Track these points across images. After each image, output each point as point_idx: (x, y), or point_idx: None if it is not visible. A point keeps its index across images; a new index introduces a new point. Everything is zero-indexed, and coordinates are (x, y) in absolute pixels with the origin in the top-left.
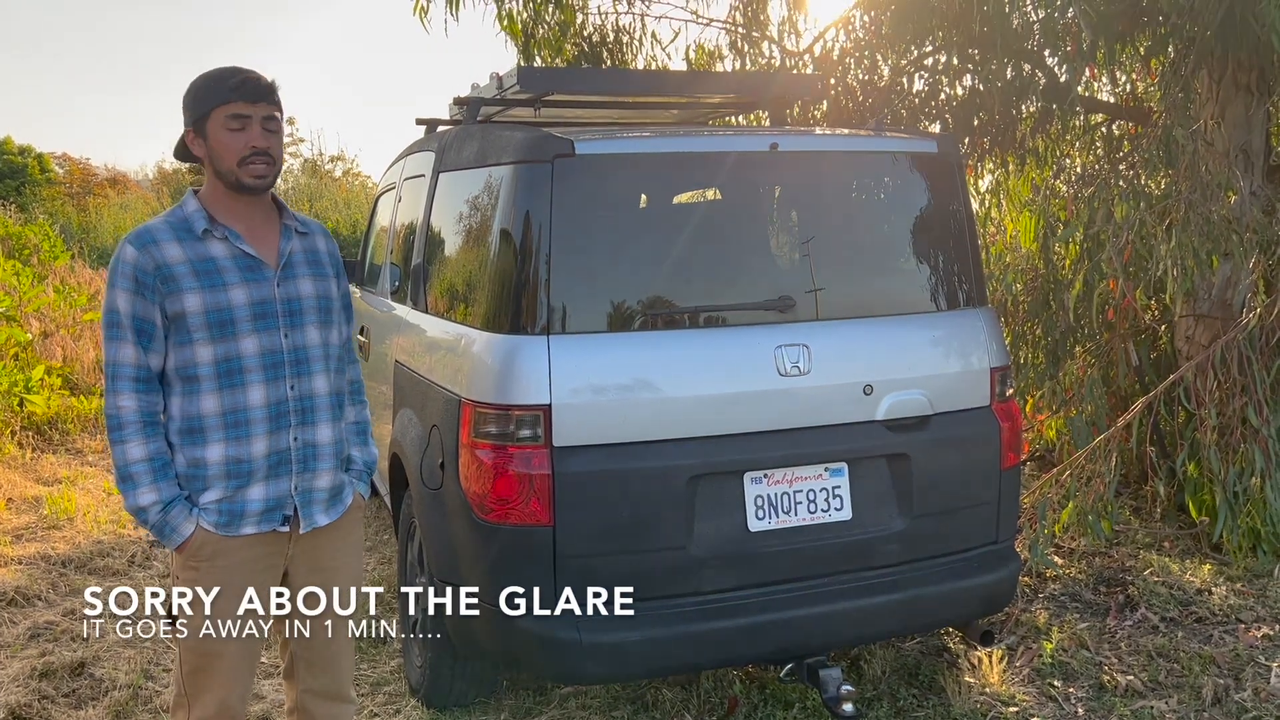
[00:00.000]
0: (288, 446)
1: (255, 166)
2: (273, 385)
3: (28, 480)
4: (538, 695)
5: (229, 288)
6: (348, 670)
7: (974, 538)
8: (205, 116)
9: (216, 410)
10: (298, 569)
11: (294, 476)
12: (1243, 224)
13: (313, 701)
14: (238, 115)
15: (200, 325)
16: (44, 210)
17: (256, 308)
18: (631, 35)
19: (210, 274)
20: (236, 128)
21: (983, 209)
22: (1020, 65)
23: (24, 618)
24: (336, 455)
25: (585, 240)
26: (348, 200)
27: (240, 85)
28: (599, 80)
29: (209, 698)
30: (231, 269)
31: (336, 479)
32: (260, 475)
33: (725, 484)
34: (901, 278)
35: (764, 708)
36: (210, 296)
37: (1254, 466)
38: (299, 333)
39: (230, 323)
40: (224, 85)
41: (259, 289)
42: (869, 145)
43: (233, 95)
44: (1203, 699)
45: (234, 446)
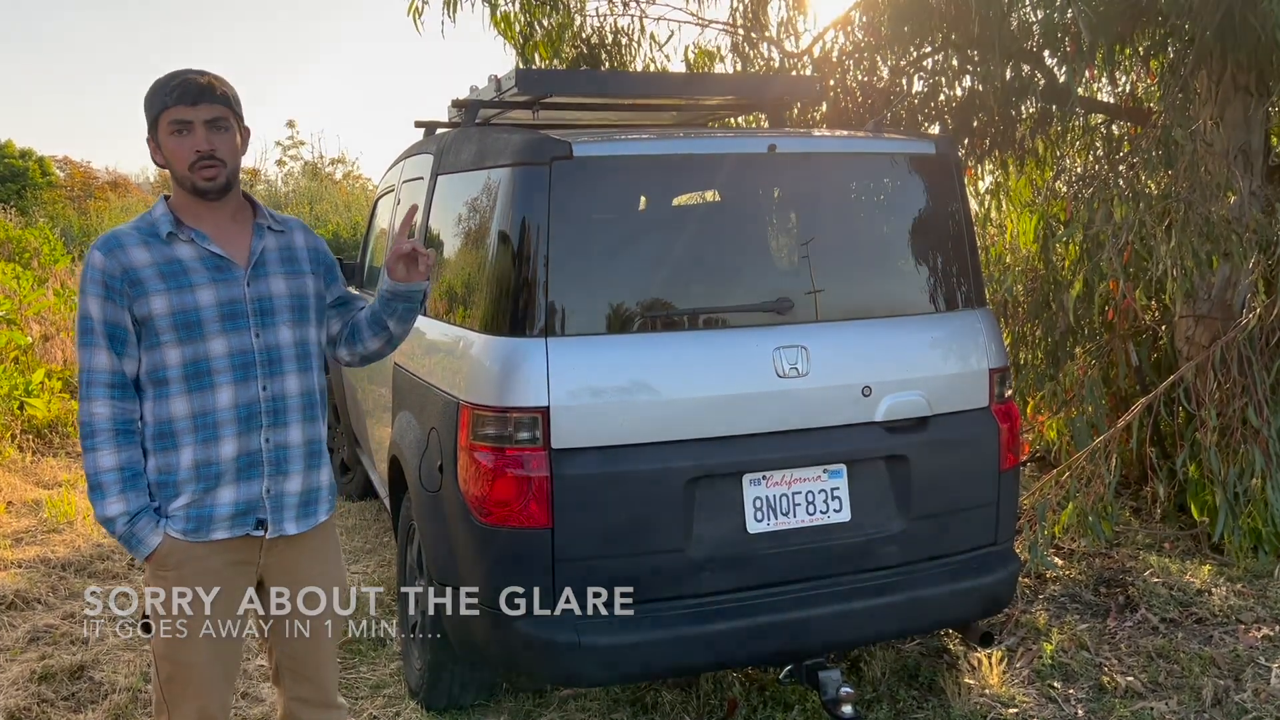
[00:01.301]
0: (259, 448)
1: (205, 170)
2: (243, 386)
3: (27, 484)
4: (537, 697)
5: (196, 288)
6: (332, 677)
7: (973, 539)
8: (154, 124)
9: (186, 413)
10: (273, 575)
11: (265, 479)
12: (1242, 224)
13: (301, 709)
14: (179, 120)
15: (167, 327)
16: (45, 213)
17: (225, 308)
18: (630, 37)
19: (176, 275)
20: (180, 132)
21: (982, 210)
22: (1019, 66)
23: (23, 621)
24: (308, 457)
25: (583, 242)
26: (348, 203)
27: (177, 88)
28: (597, 82)
29: (187, 706)
30: (199, 269)
31: (309, 482)
32: (230, 478)
33: (724, 486)
34: (900, 279)
35: (763, 709)
36: (176, 298)
37: (1254, 467)
38: (271, 332)
39: (197, 324)
40: (163, 91)
41: (228, 289)
42: (868, 146)
43: (169, 100)
44: (1203, 700)
45: (203, 449)
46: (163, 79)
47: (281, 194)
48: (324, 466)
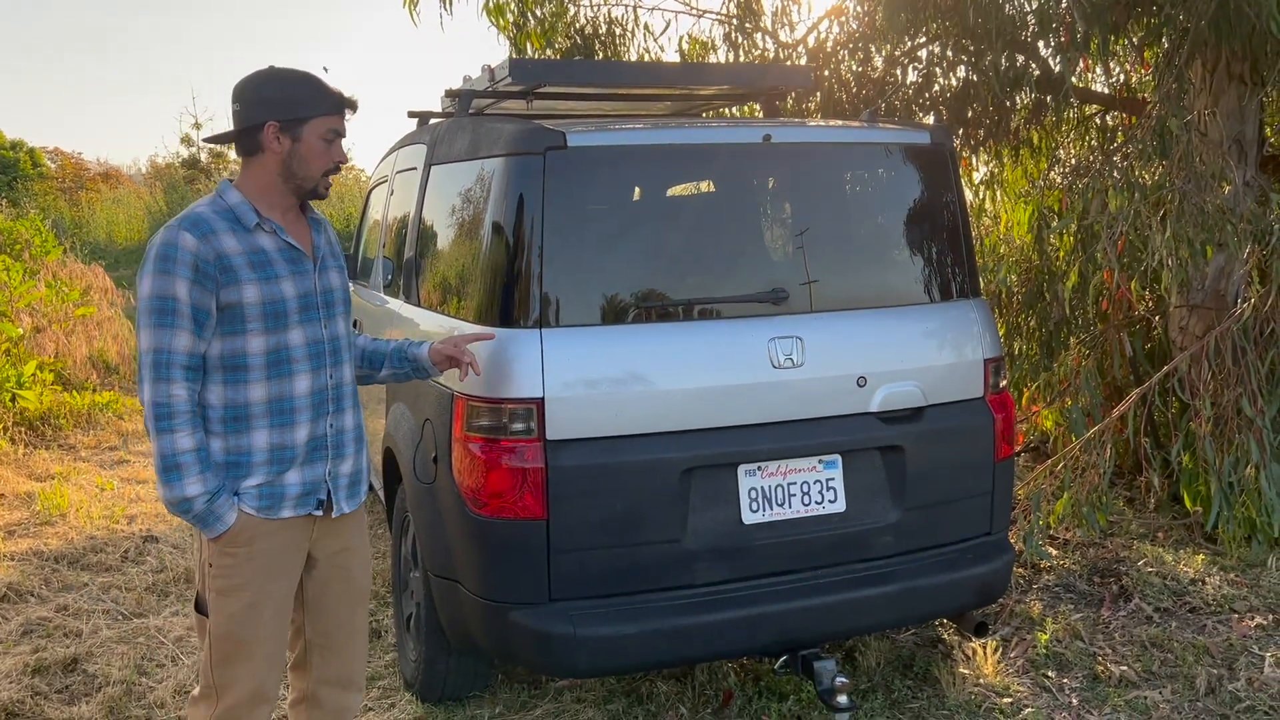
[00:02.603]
0: (324, 433)
1: (330, 179)
2: (316, 375)
3: (20, 476)
4: (532, 689)
5: (280, 280)
6: (363, 654)
7: (968, 529)
8: (304, 120)
9: (263, 398)
10: (320, 551)
11: (328, 461)
12: (1236, 214)
13: (325, 690)
14: (335, 130)
15: (256, 316)
16: (36, 205)
17: (302, 300)
18: (624, 27)
19: (264, 265)
20: (331, 141)
21: (977, 200)
22: (1014, 56)
23: (16, 614)
24: (357, 440)
25: (578, 233)
26: (341, 194)
27: (344, 100)
28: (591, 72)
29: (242, 685)
30: (280, 261)
31: (358, 463)
32: (299, 461)
33: (719, 477)
34: (895, 269)
35: (759, 700)
36: (266, 288)
37: (1248, 457)
38: (334, 323)
39: (283, 314)
40: (332, 98)
41: (302, 281)
42: (862, 137)
43: (338, 110)
44: (1196, 689)
45: (279, 434)
46: (317, 80)
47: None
48: (365, 449)
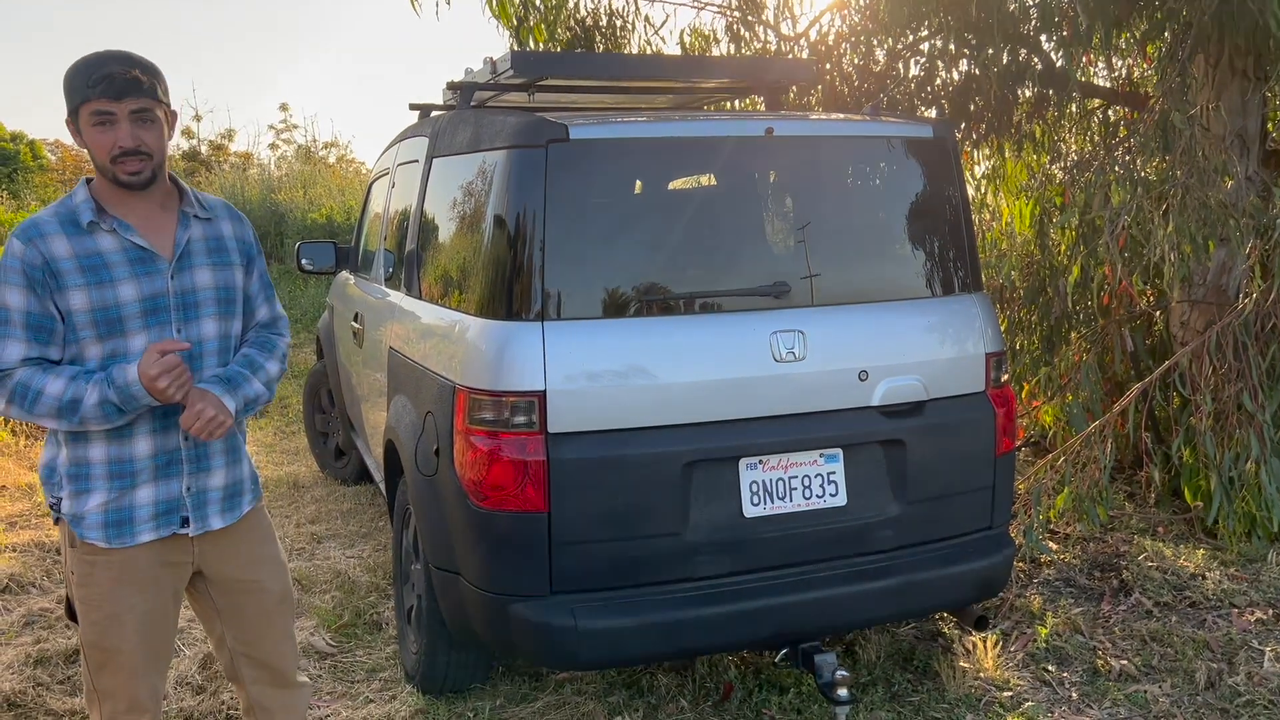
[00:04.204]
0: (178, 446)
1: (127, 164)
2: None
3: (20, 467)
4: (533, 681)
5: (117, 284)
6: (290, 655)
7: (969, 523)
8: (75, 111)
9: None
10: (211, 567)
11: (185, 477)
12: (1238, 209)
13: (263, 694)
14: (101, 112)
15: (87, 324)
16: (36, 197)
17: (148, 303)
18: (625, 19)
19: (97, 269)
20: (103, 124)
21: (979, 195)
22: (1016, 50)
23: (18, 605)
24: (228, 452)
25: (580, 225)
26: (342, 187)
27: (100, 81)
28: (593, 65)
29: (119, 697)
30: (121, 263)
31: (231, 476)
32: (147, 476)
33: (720, 470)
34: (897, 263)
35: (759, 693)
36: (96, 293)
37: (1249, 451)
38: (194, 326)
39: (118, 320)
40: (86, 81)
41: (151, 282)
42: (865, 130)
43: (92, 93)
44: (1196, 683)
45: (116, 446)
46: (84, 64)
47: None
48: (244, 460)
